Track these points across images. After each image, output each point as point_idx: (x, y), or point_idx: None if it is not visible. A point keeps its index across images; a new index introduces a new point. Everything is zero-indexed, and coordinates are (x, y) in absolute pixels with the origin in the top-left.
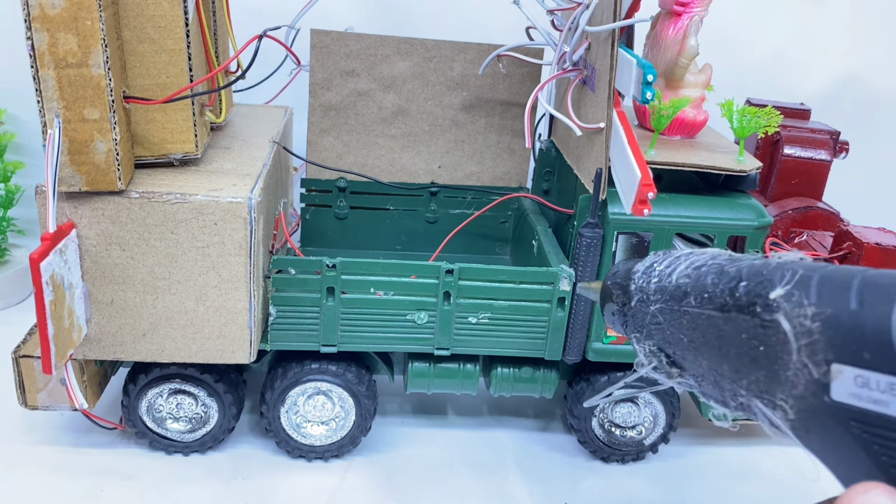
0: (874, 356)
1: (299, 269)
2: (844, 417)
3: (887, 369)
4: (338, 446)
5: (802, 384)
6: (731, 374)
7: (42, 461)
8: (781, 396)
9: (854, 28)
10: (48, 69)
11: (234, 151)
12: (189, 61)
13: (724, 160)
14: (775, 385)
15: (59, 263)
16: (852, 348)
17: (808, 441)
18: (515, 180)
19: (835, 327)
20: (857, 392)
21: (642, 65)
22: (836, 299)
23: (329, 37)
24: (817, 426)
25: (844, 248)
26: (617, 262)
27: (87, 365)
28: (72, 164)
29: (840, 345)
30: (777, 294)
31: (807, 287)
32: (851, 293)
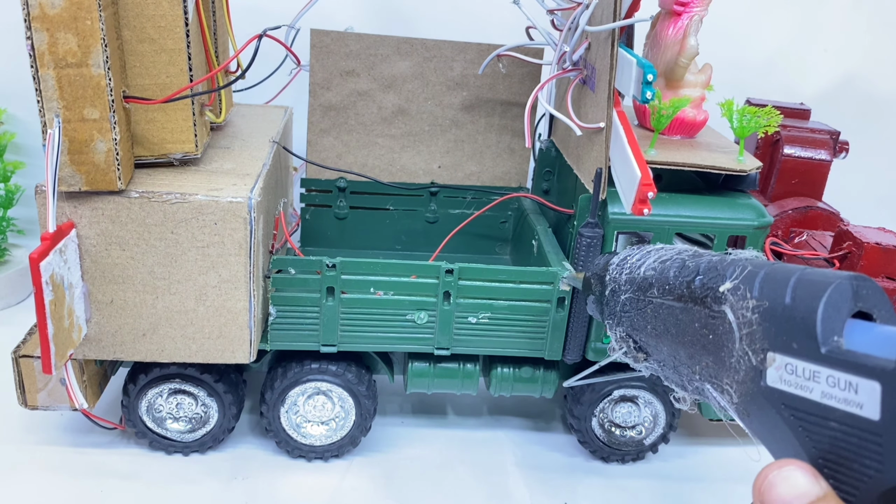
0: (801, 346)
1: (299, 269)
2: (777, 401)
3: (811, 358)
4: (338, 446)
5: (743, 370)
6: (686, 359)
7: (42, 461)
8: (727, 381)
9: (854, 28)
10: (48, 69)
11: (234, 151)
12: (189, 61)
13: (724, 160)
14: (722, 371)
15: (58, 263)
16: (784, 338)
17: (750, 423)
18: (515, 180)
19: (770, 319)
20: (786, 378)
21: (642, 64)
22: (774, 294)
23: (329, 37)
24: (755, 409)
25: (844, 247)
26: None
27: (86, 365)
28: (72, 164)
29: (774, 335)
30: (725, 287)
31: (751, 282)
32: (788, 289)
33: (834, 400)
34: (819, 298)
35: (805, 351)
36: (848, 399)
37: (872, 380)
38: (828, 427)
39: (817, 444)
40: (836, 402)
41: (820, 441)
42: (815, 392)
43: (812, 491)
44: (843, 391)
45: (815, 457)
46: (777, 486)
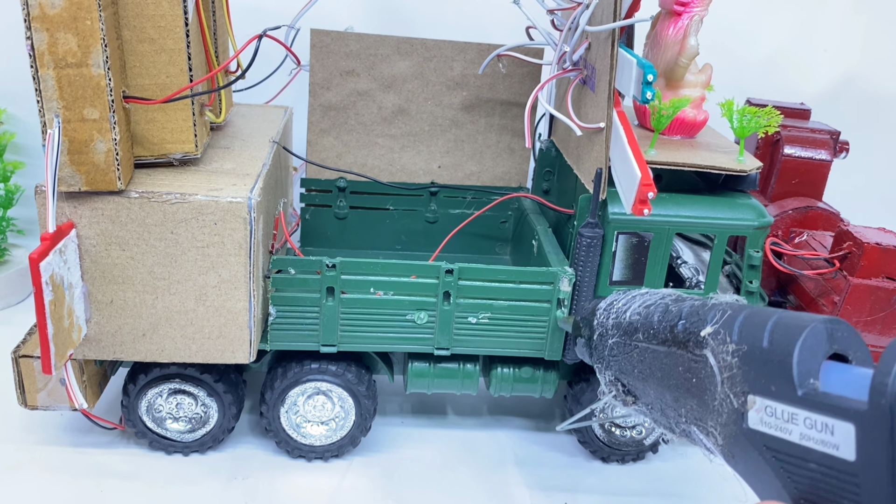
0: (778, 389)
1: (299, 269)
2: (758, 443)
3: (788, 400)
4: (338, 446)
5: (726, 413)
6: (672, 402)
7: (42, 461)
8: (711, 424)
9: (854, 28)
10: (48, 69)
11: (234, 151)
12: (189, 61)
13: (724, 160)
14: (706, 413)
15: (58, 263)
16: (762, 381)
17: (735, 464)
18: (515, 180)
19: (749, 363)
20: (766, 420)
21: (642, 64)
22: (752, 338)
23: (329, 37)
24: (739, 451)
25: (844, 248)
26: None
27: (86, 365)
28: (71, 164)
29: (753, 378)
30: (706, 332)
31: (731, 326)
32: (765, 332)
33: (812, 441)
34: (795, 342)
35: (783, 393)
36: (825, 440)
37: (847, 421)
38: (807, 468)
39: (798, 484)
40: (814, 443)
41: (801, 482)
42: (794, 434)
43: None
44: (820, 433)
45: (796, 497)
46: None
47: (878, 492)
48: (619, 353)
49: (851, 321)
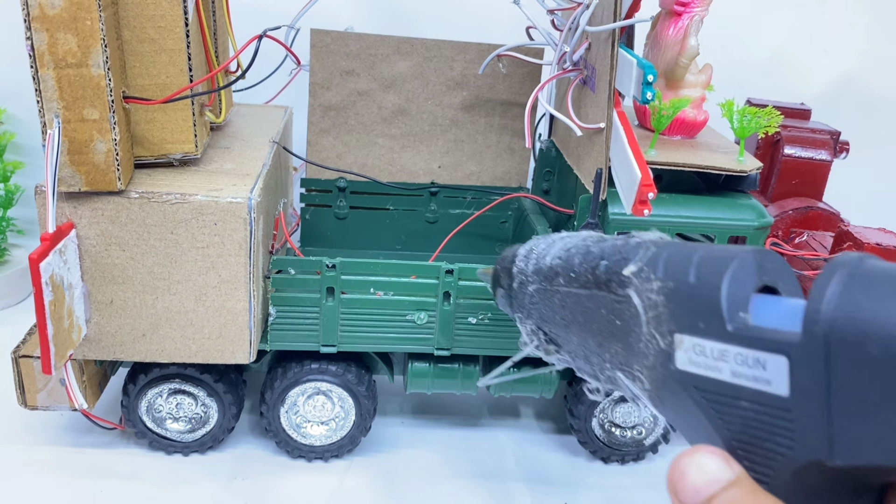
0: (707, 325)
1: (299, 269)
2: (688, 384)
3: (718, 337)
4: (337, 446)
5: (652, 354)
6: (596, 348)
7: (42, 461)
8: (637, 367)
9: (854, 28)
10: (48, 69)
11: (234, 151)
12: (189, 61)
13: (724, 160)
14: (632, 356)
15: (58, 264)
16: (690, 318)
17: (664, 410)
18: (515, 180)
19: (676, 299)
20: (695, 359)
21: (643, 65)
22: (678, 273)
23: (329, 36)
24: (667, 394)
25: (845, 248)
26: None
27: (86, 365)
28: (71, 165)
29: (680, 316)
30: (629, 270)
31: (655, 263)
32: (692, 267)
33: (743, 378)
34: (722, 275)
35: (712, 330)
36: (757, 376)
37: (779, 354)
38: (739, 407)
39: (730, 426)
40: (745, 380)
41: (732, 423)
42: (725, 372)
43: (723, 476)
44: (752, 368)
45: (728, 440)
46: (688, 474)
47: (812, 427)
48: (540, 301)
49: None
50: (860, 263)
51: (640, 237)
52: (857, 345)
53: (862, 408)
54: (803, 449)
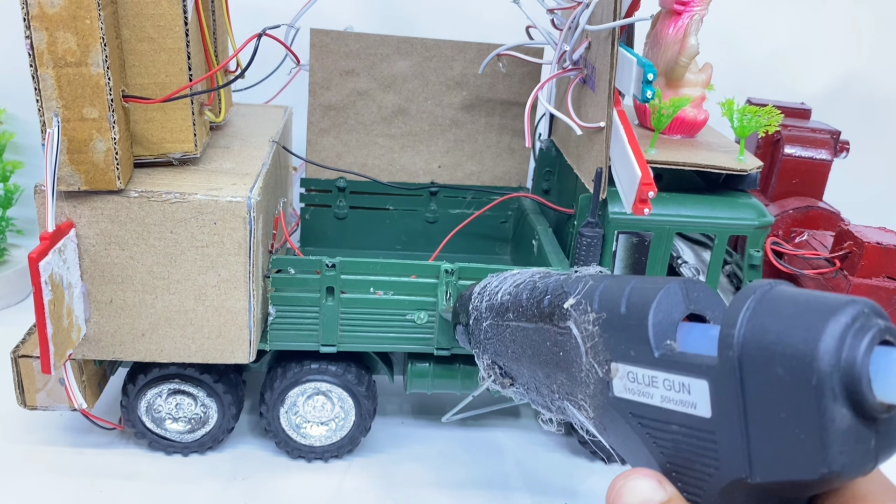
0: (637, 353)
1: (299, 269)
2: (624, 411)
3: (647, 364)
4: (337, 447)
5: (593, 383)
6: (545, 379)
7: (41, 461)
8: (581, 396)
9: (855, 28)
10: (47, 68)
11: (234, 151)
12: (188, 60)
13: (724, 159)
14: (575, 386)
15: (58, 263)
16: (623, 347)
17: (607, 436)
18: (515, 180)
19: (609, 330)
20: (629, 386)
21: (643, 64)
22: (611, 305)
23: (329, 36)
24: (608, 422)
25: (845, 247)
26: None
27: (86, 365)
28: (71, 164)
29: (614, 345)
30: (569, 304)
31: (592, 296)
32: (623, 298)
33: (672, 403)
34: (649, 304)
35: (641, 357)
36: (683, 400)
37: (701, 378)
38: (670, 431)
39: (664, 449)
40: (674, 404)
41: (666, 446)
42: (656, 397)
43: (656, 497)
44: (679, 393)
45: (663, 462)
46: (623, 496)
47: (733, 447)
48: (494, 336)
49: None
50: (770, 289)
51: (582, 272)
52: (766, 366)
53: (775, 426)
54: (727, 468)
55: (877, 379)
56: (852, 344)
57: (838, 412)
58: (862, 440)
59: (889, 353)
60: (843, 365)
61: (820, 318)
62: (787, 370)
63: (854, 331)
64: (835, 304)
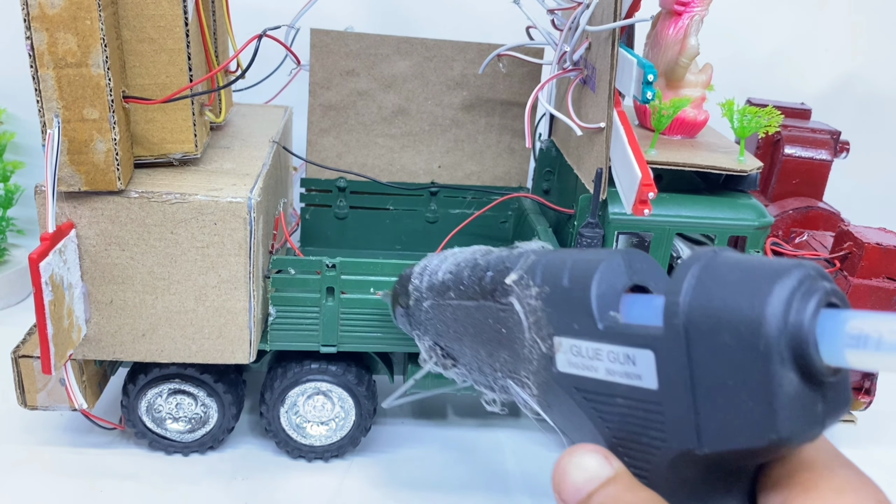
0: (581, 326)
1: (299, 269)
2: (569, 386)
3: (591, 336)
4: (338, 446)
5: (536, 359)
6: (487, 358)
7: (41, 461)
8: (524, 373)
9: (855, 28)
10: (47, 69)
11: (234, 151)
12: (189, 61)
13: (724, 160)
14: (518, 363)
15: (58, 263)
16: (566, 321)
17: (552, 415)
18: (515, 180)
19: (552, 304)
20: (573, 360)
21: (643, 64)
22: (553, 279)
23: (329, 36)
24: (552, 398)
25: (845, 248)
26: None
27: (86, 365)
28: (71, 164)
29: (557, 319)
30: (511, 279)
31: (534, 270)
32: (565, 271)
33: (617, 375)
34: (591, 276)
35: (585, 330)
36: (628, 372)
37: (646, 349)
38: (616, 405)
39: (609, 423)
40: (618, 377)
41: (611, 420)
42: (600, 370)
43: (602, 473)
44: (623, 365)
45: (609, 437)
46: (569, 473)
47: (680, 417)
48: (435, 316)
49: None
50: (714, 256)
51: (523, 247)
52: (713, 333)
53: (722, 394)
54: (675, 440)
55: (823, 342)
56: (799, 307)
57: (786, 377)
58: (809, 405)
59: (835, 315)
60: (790, 329)
61: (766, 282)
62: (733, 336)
63: (801, 294)
64: (781, 269)
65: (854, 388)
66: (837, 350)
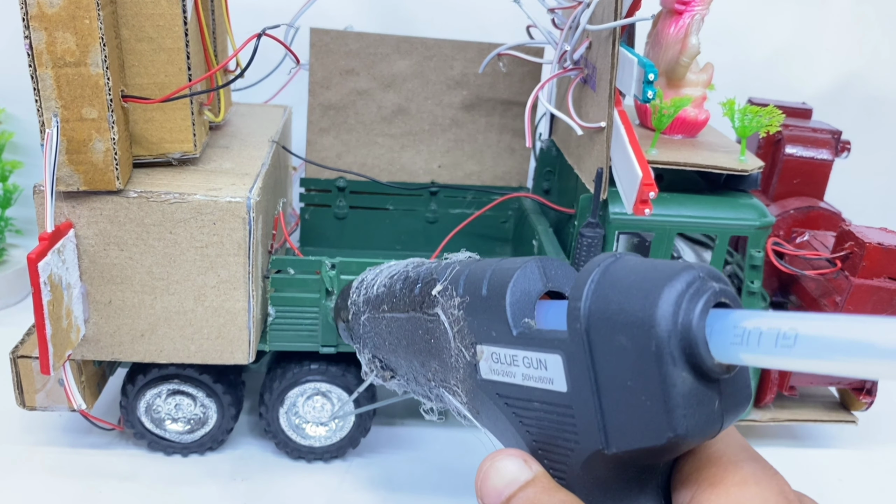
0: (498, 333)
1: (298, 269)
2: (492, 392)
3: (507, 343)
4: (337, 447)
5: (462, 368)
6: (420, 368)
7: (40, 462)
8: (454, 382)
9: (856, 27)
10: (46, 68)
11: (233, 151)
12: (188, 60)
13: (725, 159)
14: (448, 372)
15: (57, 263)
16: (485, 329)
17: (481, 420)
18: (516, 180)
19: (473, 313)
20: (494, 367)
21: (643, 64)
22: (473, 288)
23: (328, 35)
24: (480, 405)
25: (846, 247)
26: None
27: (85, 365)
28: (70, 164)
29: (478, 327)
30: (436, 290)
31: (457, 281)
32: (484, 281)
33: (532, 380)
34: (506, 284)
35: (502, 337)
36: (542, 377)
37: (555, 352)
38: (533, 409)
39: (530, 427)
40: (534, 381)
41: (531, 425)
42: (518, 375)
43: (521, 476)
44: (537, 370)
45: (529, 441)
46: (490, 477)
47: (589, 419)
48: (372, 329)
49: None
50: (614, 261)
51: (452, 258)
52: (611, 336)
53: (624, 395)
54: (585, 441)
55: (713, 340)
56: (687, 308)
57: (678, 376)
58: (705, 402)
59: (724, 315)
60: (679, 329)
61: (656, 285)
62: (629, 338)
63: (689, 295)
64: (671, 271)
65: (855, 388)
66: (727, 348)
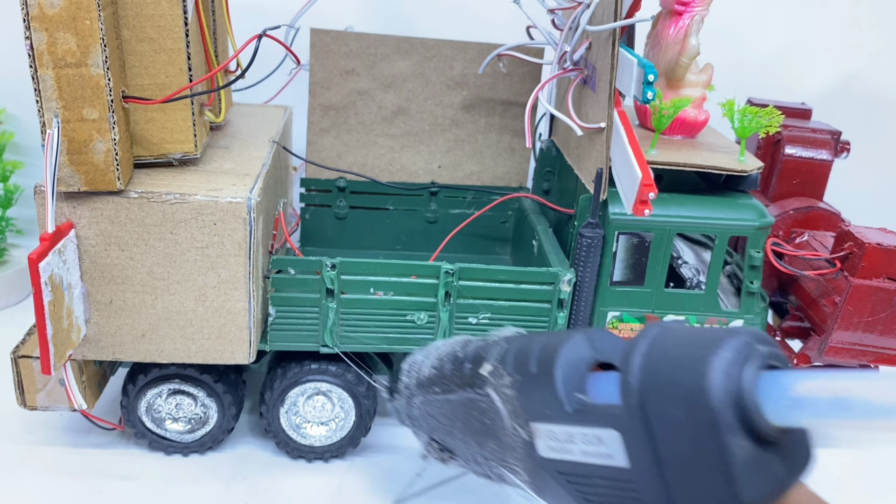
0: (552, 411)
1: (299, 270)
2: (552, 470)
3: (562, 420)
4: (338, 447)
5: (520, 447)
6: (478, 448)
7: (41, 462)
8: (512, 461)
9: (855, 27)
10: (47, 69)
11: (234, 151)
12: (188, 61)
13: (725, 160)
14: (505, 451)
15: (57, 264)
16: (538, 407)
17: (546, 498)
18: (516, 180)
19: (524, 391)
20: (552, 445)
21: (643, 64)
22: (522, 366)
23: (329, 36)
24: (542, 482)
25: (846, 248)
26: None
27: (86, 365)
28: (71, 164)
29: (530, 406)
30: (486, 370)
31: (505, 359)
32: (532, 357)
33: (591, 456)
34: (554, 360)
35: (556, 414)
36: (600, 452)
37: (611, 428)
38: (595, 485)
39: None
40: (593, 457)
41: (595, 501)
42: (576, 452)
43: None
44: (595, 446)
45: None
46: None
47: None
48: (426, 411)
49: (853, 322)
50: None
51: (497, 335)
52: (665, 408)
53: (685, 466)
54: None
55: (767, 405)
56: (738, 375)
57: (737, 444)
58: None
59: (774, 377)
60: (732, 398)
61: (704, 354)
62: (683, 410)
63: (738, 362)
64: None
65: None
66: (781, 411)
